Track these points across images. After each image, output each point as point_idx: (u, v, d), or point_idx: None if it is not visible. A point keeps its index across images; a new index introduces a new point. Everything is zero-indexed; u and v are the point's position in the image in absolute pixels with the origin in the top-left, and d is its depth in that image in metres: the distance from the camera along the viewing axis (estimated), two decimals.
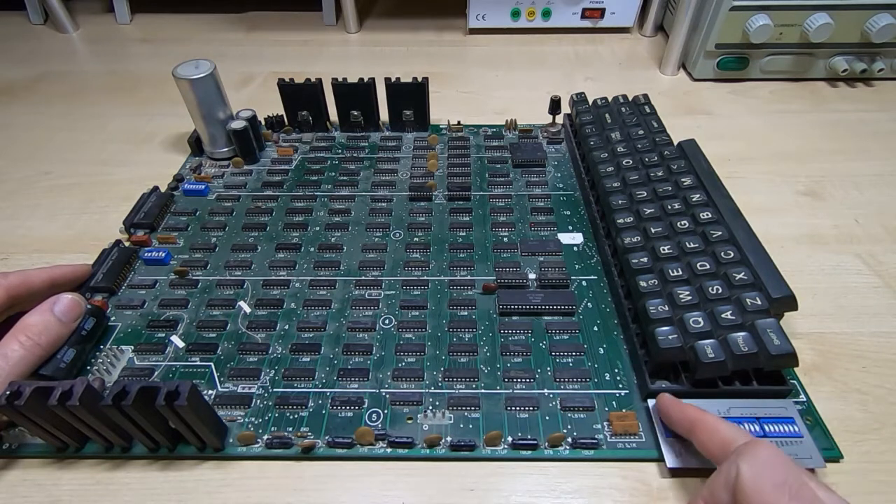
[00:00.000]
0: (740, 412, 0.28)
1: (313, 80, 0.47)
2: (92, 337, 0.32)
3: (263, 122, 0.49)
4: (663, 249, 0.33)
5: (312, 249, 0.39)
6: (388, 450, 0.28)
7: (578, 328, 0.33)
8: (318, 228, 0.40)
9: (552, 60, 0.64)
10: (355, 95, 0.47)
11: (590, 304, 0.35)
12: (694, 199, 0.35)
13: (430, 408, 0.29)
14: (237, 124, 0.44)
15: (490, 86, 0.59)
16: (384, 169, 0.46)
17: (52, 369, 0.29)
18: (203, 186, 0.44)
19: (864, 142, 0.49)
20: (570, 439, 0.28)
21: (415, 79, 0.47)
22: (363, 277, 0.37)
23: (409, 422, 0.29)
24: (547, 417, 0.29)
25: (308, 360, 0.32)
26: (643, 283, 0.31)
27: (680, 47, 0.58)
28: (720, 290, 0.30)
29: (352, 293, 0.36)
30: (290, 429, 0.28)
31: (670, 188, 0.37)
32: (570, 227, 0.40)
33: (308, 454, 0.28)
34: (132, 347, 0.32)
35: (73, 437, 0.27)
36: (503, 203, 0.42)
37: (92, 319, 0.31)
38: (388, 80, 0.47)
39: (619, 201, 0.37)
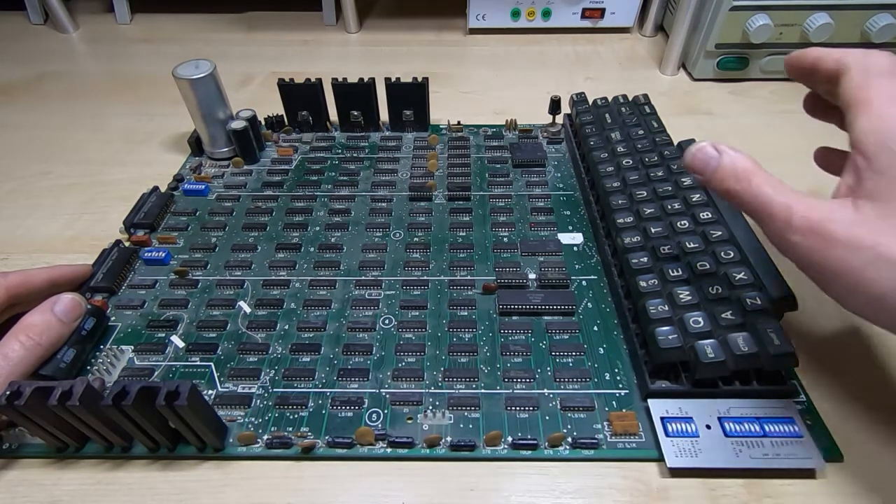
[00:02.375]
0: (740, 412, 0.28)
1: (313, 80, 0.47)
2: (92, 337, 0.32)
3: (263, 122, 0.49)
4: (663, 249, 0.33)
5: (312, 249, 0.39)
6: (388, 450, 0.28)
7: (578, 328, 0.33)
8: (318, 228, 0.40)
9: (552, 60, 0.64)
10: (355, 95, 0.47)
11: (590, 304, 0.35)
12: (694, 199, 0.35)
13: (430, 408, 0.29)
14: (237, 124, 0.44)
15: (490, 86, 0.59)
16: (384, 169, 0.46)
17: (52, 369, 0.29)
18: (203, 186, 0.44)
19: None
20: (570, 439, 0.28)
21: (415, 79, 0.47)
22: (363, 277, 0.37)
23: (409, 422, 0.29)
24: (547, 417, 0.29)
25: (308, 360, 0.32)
26: (643, 283, 0.31)
27: (680, 47, 0.58)
28: (720, 290, 0.30)
29: (352, 293, 0.36)
30: (290, 429, 0.28)
31: (670, 188, 0.37)
32: (570, 227, 0.40)
33: (308, 454, 0.28)
34: (132, 347, 0.32)
35: (73, 437, 0.27)
36: (503, 203, 0.42)
37: (92, 319, 0.31)
38: (388, 80, 0.47)
39: (619, 201, 0.37)
